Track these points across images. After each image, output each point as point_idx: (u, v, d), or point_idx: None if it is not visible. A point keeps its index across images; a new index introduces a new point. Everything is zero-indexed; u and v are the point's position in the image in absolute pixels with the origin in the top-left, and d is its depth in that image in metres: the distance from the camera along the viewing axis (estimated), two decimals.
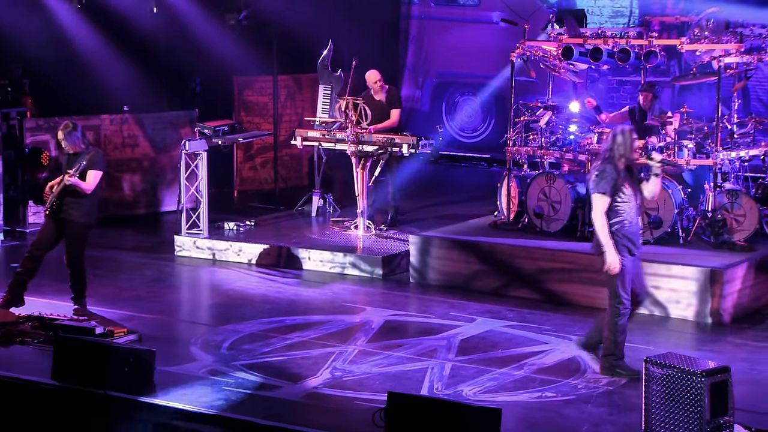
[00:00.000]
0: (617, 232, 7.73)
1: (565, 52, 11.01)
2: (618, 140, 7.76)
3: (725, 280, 9.28)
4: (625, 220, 7.73)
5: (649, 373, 6.73)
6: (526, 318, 9.49)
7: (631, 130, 7.84)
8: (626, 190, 7.72)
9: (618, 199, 7.70)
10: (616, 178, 7.69)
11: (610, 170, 7.71)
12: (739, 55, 10.22)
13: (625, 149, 7.73)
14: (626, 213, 7.73)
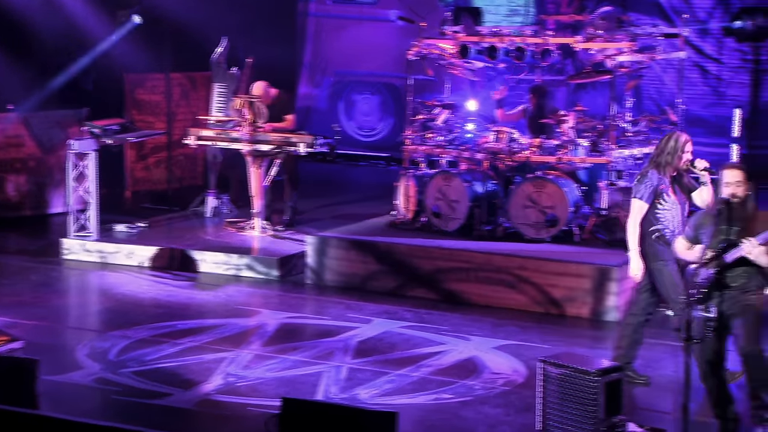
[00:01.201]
0: (658, 240, 7.38)
1: (461, 50, 10.98)
2: (669, 145, 7.40)
3: (619, 278, 9.35)
4: (666, 229, 7.38)
5: (545, 373, 6.70)
6: (424, 318, 9.42)
7: (687, 139, 7.44)
8: (668, 198, 7.37)
9: (659, 206, 7.36)
10: (657, 184, 7.34)
11: (652, 175, 7.38)
12: (631, 53, 10.33)
13: (673, 157, 7.36)
14: (668, 221, 7.39)
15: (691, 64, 14.59)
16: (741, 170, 6.49)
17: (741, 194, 6.42)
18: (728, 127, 13.76)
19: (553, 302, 9.57)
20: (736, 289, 6.42)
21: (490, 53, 10.88)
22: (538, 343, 8.62)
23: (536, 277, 9.65)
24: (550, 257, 9.77)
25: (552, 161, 10.55)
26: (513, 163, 10.69)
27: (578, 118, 10.73)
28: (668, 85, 14.75)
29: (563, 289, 9.55)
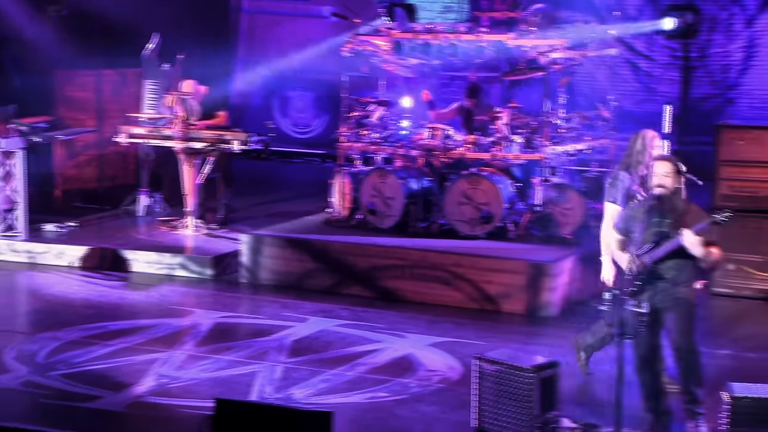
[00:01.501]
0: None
1: (395, 47, 10.95)
2: (637, 144, 7.32)
3: (553, 274, 9.40)
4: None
5: (480, 369, 6.71)
6: (360, 316, 9.37)
7: (654, 135, 7.38)
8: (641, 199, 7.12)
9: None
10: (629, 186, 7.25)
11: (623, 177, 7.28)
12: (563, 50, 10.39)
13: (642, 155, 7.27)
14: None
15: (623, 61, 14.73)
16: (671, 162, 6.54)
17: (671, 186, 6.47)
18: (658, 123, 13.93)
19: (489, 298, 9.59)
20: (668, 282, 6.47)
21: (424, 50, 10.86)
22: (473, 340, 8.63)
23: (471, 274, 9.66)
24: (485, 254, 9.79)
25: (486, 158, 10.57)
26: (448, 160, 10.70)
27: (512, 115, 10.77)
28: (600, 82, 14.88)
29: (498, 285, 9.57)
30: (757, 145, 9.73)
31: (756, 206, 9.64)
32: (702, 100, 14.70)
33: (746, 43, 14.48)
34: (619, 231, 6.75)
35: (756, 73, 14.46)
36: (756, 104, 14.49)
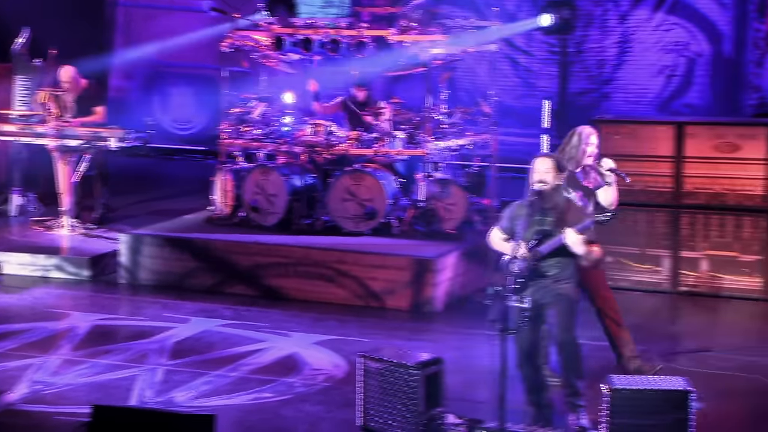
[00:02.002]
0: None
1: (276, 42, 10.82)
2: (572, 141, 7.28)
3: (437, 269, 9.43)
4: None
5: (365, 367, 6.66)
6: (243, 315, 9.23)
7: (590, 132, 7.29)
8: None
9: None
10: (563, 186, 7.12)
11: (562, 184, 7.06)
12: (444, 46, 10.42)
13: (576, 151, 7.24)
14: None
15: (503, 56, 14.92)
16: (552, 159, 6.60)
17: (551, 182, 6.52)
18: (538, 117, 14.15)
19: (373, 295, 9.57)
20: (550, 278, 6.53)
21: (305, 45, 10.77)
22: (358, 337, 8.59)
23: (356, 271, 9.62)
24: (369, 250, 9.77)
25: (370, 154, 10.55)
26: (331, 156, 10.63)
27: (395, 111, 10.77)
28: (481, 77, 15.05)
29: (383, 281, 9.55)
30: (632, 139, 9.94)
31: (632, 200, 9.83)
32: (579, 95, 14.99)
33: (620, 38, 14.83)
34: (502, 229, 6.78)
35: (630, 68, 14.83)
36: (630, 98, 14.86)
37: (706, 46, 14.47)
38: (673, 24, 14.55)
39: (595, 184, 7.28)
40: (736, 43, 14.34)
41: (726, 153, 9.58)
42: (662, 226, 9.77)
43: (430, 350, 7.93)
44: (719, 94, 14.45)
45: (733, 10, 14.30)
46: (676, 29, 14.55)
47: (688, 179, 9.69)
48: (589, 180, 7.28)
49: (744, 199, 9.52)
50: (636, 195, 9.86)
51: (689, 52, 14.53)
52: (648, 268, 9.87)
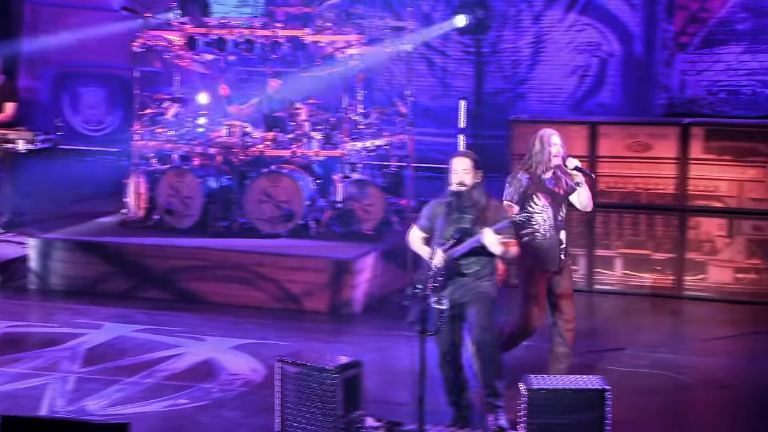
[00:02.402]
0: (527, 244, 6.95)
1: (189, 42, 10.66)
2: (536, 145, 7.04)
3: (355, 270, 9.39)
4: (537, 232, 6.98)
5: (283, 372, 6.59)
6: (158, 320, 9.08)
7: (552, 133, 7.09)
8: (538, 201, 6.97)
9: (529, 209, 6.95)
10: (526, 186, 6.98)
11: (521, 177, 7.01)
12: (360, 46, 10.39)
13: (541, 155, 7.01)
14: (539, 225, 6.98)
15: (418, 56, 14.94)
16: (469, 158, 6.60)
17: (469, 182, 6.52)
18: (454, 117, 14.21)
19: (292, 298, 9.49)
20: (469, 277, 6.53)
21: (219, 45, 10.64)
22: (276, 341, 8.51)
23: (273, 273, 9.54)
24: (287, 252, 9.70)
25: (286, 155, 10.46)
26: (247, 158, 10.51)
27: (311, 111, 10.69)
28: (398, 77, 15.06)
29: (301, 284, 9.49)
30: None
31: None
32: (495, 95, 15.09)
33: (534, 38, 14.98)
34: (421, 228, 6.76)
35: (544, 68, 14.97)
36: (545, 98, 15.01)
37: (617, 46, 14.69)
38: (585, 24, 14.73)
39: (567, 188, 7.08)
40: (646, 43, 14.59)
41: (638, 152, 9.72)
42: (577, 226, 9.87)
43: (349, 352, 7.93)
44: (630, 93, 14.68)
45: (642, 11, 14.53)
46: (588, 30, 14.74)
47: (602, 178, 9.81)
48: (561, 186, 7.07)
49: (656, 198, 9.67)
50: None
51: (601, 53, 14.73)
52: None
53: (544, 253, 7.00)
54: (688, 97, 14.43)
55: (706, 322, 9.01)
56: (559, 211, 7.02)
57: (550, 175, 7.05)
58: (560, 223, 7.04)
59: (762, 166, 9.34)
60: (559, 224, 7.03)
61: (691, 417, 7.16)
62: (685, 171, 9.56)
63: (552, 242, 6.99)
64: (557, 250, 7.01)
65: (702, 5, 14.23)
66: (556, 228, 7.01)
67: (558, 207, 7.02)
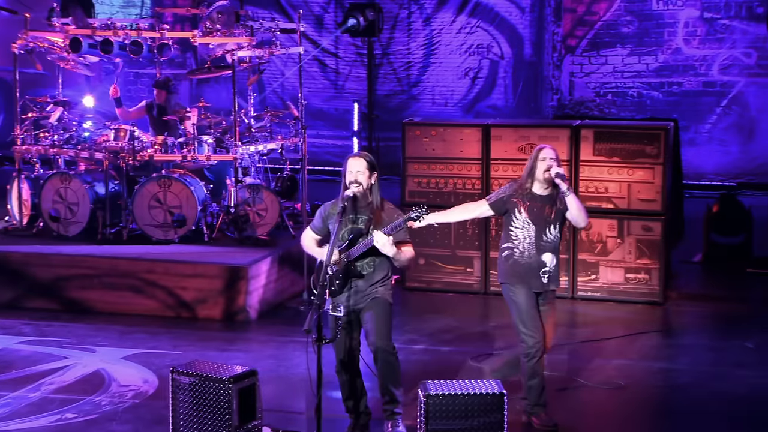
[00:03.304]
0: (506, 260, 6.71)
1: (72, 44, 10.34)
2: (530, 159, 6.73)
3: (250, 276, 9.25)
4: (515, 249, 6.67)
5: (176, 382, 6.41)
6: (44, 331, 8.81)
7: (541, 147, 6.72)
8: (519, 215, 6.65)
9: (510, 224, 6.68)
10: (507, 195, 6.71)
11: (508, 186, 6.81)
12: (251, 48, 10.24)
13: (528, 169, 6.68)
14: (518, 241, 6.66)
15: (310, 58, 14.86)
16: (365, 159, 6.53)
17: (364, 183, 6.46)
18: (348, 119, 14.16)
19: (184, 305, 9.29)
20: (364, 280, 6.46)
21: (104, 47, 10.36)
22: (169, 350, 8.33)
23: (165, 280, 9.33)
24: (179, 259, 9.50)
25: (177, 159, 10.24)
26: (136, 162, 10.25)
27: (202, 114, 10.50)
28: (290, 80, 14.94)
29: (194, 291, 9.30)
30: (440, 141, 10.03)
31: (442, 202, 9.94)
32: (388, 97, 15.11)
33: (425, 41, 15.04)
34: (315, 229, 6.66)
35: (436, 70, 15.06)
36: (437, 101, 15.10)
37: (507, 48, 14.86)
38: (475, 27, 14.87)
39: (561, 207, 6.70)
40: (535, 45, 14.79)
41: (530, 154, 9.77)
42: (472, 228, 9.91)
43: (245, 360, 7.81)
44: (521, 95, 14.86)
45: (531, 13, 14.73)
46: (479, 32, 14.88)
47: (496, 180, 9.86)
48: (555, 206, 6.68)
49: None
50: (446, 197, 9.97)
51: (492, 55, 14.87)
52: (460, 269, 9.98)
53: (519, 271, 6.69)
54: (576, 99, 14.68)
55: (598, 322, 9.12)
56: (545, 231, 6.64)
57: (545, 192, 6.68)
58: (545, 244, 6.65)
59: (650, 167, 9.51)
60: (543, 245, 6.64)
61: (588, 418, 7.22)
62: (576, 172, 9.67)
63: (530, 262, 6.65)
64: (536, 271, 6.65)
65: (588, 8, 14.50)
66: (537, 248, 6.64)
67: (544, 227, 6.64)
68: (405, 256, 6.52)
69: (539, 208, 6.66)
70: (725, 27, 14.00)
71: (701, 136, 14.23)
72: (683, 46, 14.19)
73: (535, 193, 6.69)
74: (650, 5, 14.23)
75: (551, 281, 6.75)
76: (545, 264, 6.68)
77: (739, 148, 14.09)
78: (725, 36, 14.01)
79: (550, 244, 6.67)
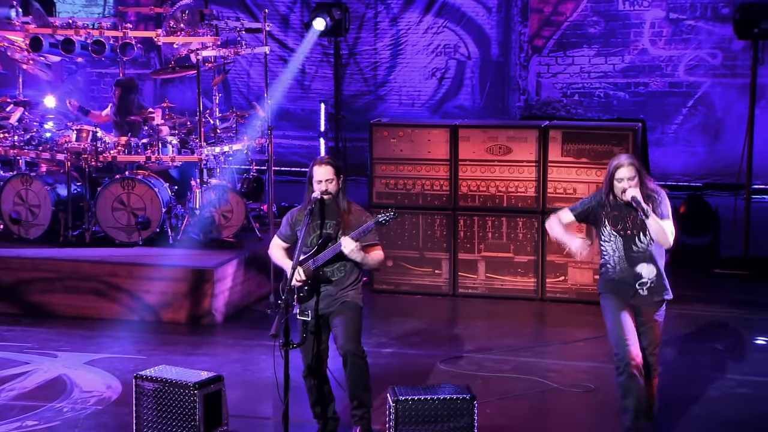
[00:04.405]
0: (602, 275, 6.39)
1: (33, 43, 10.17)
2: (607, 173, 6.30)
3: (216, 279, 9.13)
4: (608, 264, 6.34)
5: (139, 388, 6.30)
6: (5, 336, 8.66)
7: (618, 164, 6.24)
8: (605, 228, 6.30)
9: (601, 237, 6.34)
10: (592, 204, 6.36)
11: (596, 193, 6.42)
12: (216, 48, 10.11)
13: (606, 182, 6.28)
14: (608, 256, 6.33)
15: (276, 58, 14.74)
16: (332, 165, 6.44)
17: (333, 190, 6.38)
18: (315, 120, 14.06)
19: (149, 309, 9.18)
20: (333, 285, 6.39)
21: (66, 47, 10.20)
22: (133, 355, 8.21)
23: (129, 284, 9.21)
24: (143, 261, 9.38)
25: (141, 160, 10.09)
26: (99, 164, 10.09)
27: (166, 115, 10.37)
28: (255, 79, 14.81)
29: (158, 294, 9.17)
30: (408, 142, 9.97)
31: (410, 203, 9.88)
32: (355, 97, 15.02)
33: (392, 41, 14.97)
34: (282, 236, 6.59)
35: (403, 71, 14.99)
36: (404, 101, 15.03)
37: (474, 48, 14.82)
38: (442, 27, 14.81)
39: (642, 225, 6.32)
40: (502, 46, 14.76)
41: (499, 155, 9.75)
42: (440, 229, 9.85)
43: (211, 365, 7.70)
44: (489, 96, 14.83)
45: (498, 14, 14.69)
46: (446, 32, 14.83)
47: (464, 182, 9.81)
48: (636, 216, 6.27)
49: (517, 201, 9.72)
50: (414, 198, 9.90)
51: (459, 55, 14.83)
52: (428, 271, 9.92)
53: (614, 286, 6.33)
54: (543, 100, 14.67)
55: (567, 324, 9.09)
56: (634, 241, 6.25)
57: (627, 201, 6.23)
58: (636, 255, 6.26)
59: None
60: (634, 256, 6.26)
61: (558, 421, 7.19)
62: (545, 173, 9.63)
63: (623, 275, 6.29)
64: (631, 284, 6.28)
65: (555, 9, 14.49)
66: (628, 260, 6.27)
67: (633, 237, 6.25)
68: (373, 261, 6.45)
69: (623, 219, 6.27)
70: (691, 28, 14.04)
71: (667, 136, 14.26)
72: (649, 46, 14.21)
73: (618, 204, 6.27)
74: (616, 6, 14.24)
75: (652, 292, 6.32)
76: (641, 275, 6.29)
77: (705, 148, 14.14)
78: (691, 37, 14.05)
79: (643, 254, 6.27)
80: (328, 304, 6.40)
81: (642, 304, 6.33)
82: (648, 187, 6.28)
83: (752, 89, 10.80)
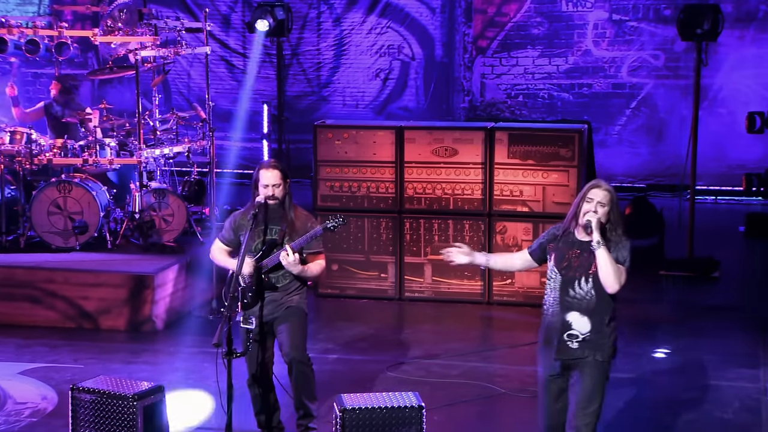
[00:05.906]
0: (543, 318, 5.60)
1: None
2: (579, 194, 5.49)
3: (156, 285, 8.92)
4: (545, 305, 5.54)
5: (76, 399, 6.08)
6: None
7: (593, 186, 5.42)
8: (549, 262, 5.52)
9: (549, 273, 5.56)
10: (546, 240, 5.59)
11: (549, 231, 5.62)
12: (155, 48, 9.89)
13: (574, 208, 5.48)
14: (546, 296, 5.53)
15: (217, 58, 14.53)
16: (279, 170, 6.29)
17: (279, 195, 6.23)
18: (258, 121, 13.85)
19: (87, 316, 8.94)
20: (278, 291, 6.24)
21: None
22: (70, 364, 8.01)
23: (66, 290, 8.98)
24: (81, 267, 9.17)
25: (78, 163, 9.84)
26: (34, 167, 9.82)
27: (104, 117, 10.13)
28: (196, 80, 14.57)
29: (97, 300, 8.96)
30: (353, 144, 9.82)
31: (355, 206, 9.74)
32: (298, 98, 14.85)
33: (336, 41, 14.83)
34: (224, 240, 6.42)
35: (347, 71, 14.85)
36: (348, 102, 14.89)
37: (418, 49, 14.73)
38: (386, 27, 14.71)
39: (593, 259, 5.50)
40: (446, 47, 14.69)
41: (444, 157, 9.65)
42: (386, 232, 9.72)
43: (151, 374, 7.50)
44: (433, 97, 14.75)
45: (442, 14, 14.62)
46: (390, 32, 14.73)
47: (410, 184, 9.69)
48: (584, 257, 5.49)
49: (464, 203, 9.63)
50: (359, 201, 9.76)
51: (403, 56, 14.73)
52: (374, 275, 9.78)
53: (545, 334, 5.53)
54: (488, 101, 14.62)
55: (514, 327, 9.01)
56: (572, 285, 5.41)
57: (585, 238, 5.43)
58: (571, 302, 5.41)
59: (564, 170, 9.43)
60: (567, 302, 5.41)
61: (506, 427, 7.09)
62: (491, 175, 9.55)
63: (553, 321, 5.46)
64: (559, 331, 5.42)
65: (499, 9, 14.45)
66: (561, 304, 5.42)
67: (572, 280, 5.42)
68: (311, 273, 6.32)
69: (568, 256, 5.45)
70: (633, 29, 14.08)
71: (611, 137, 14.29)
72: (593, 47, 14.23)
73: (575, 239, 5.46)
74: (560, 7, 14.25)
75: (584, 348, 5.41)
76: (569, 325, 5.41)
77: (648, 149, 14.19)
78: (634, 38, 14.09)
79: (579, 302, 5.40)
80: (273, 310, 6.25)
81: (570, 358, 5.44)
82: (616, 226, 5.42)
83: (696, 90, 10.83)
